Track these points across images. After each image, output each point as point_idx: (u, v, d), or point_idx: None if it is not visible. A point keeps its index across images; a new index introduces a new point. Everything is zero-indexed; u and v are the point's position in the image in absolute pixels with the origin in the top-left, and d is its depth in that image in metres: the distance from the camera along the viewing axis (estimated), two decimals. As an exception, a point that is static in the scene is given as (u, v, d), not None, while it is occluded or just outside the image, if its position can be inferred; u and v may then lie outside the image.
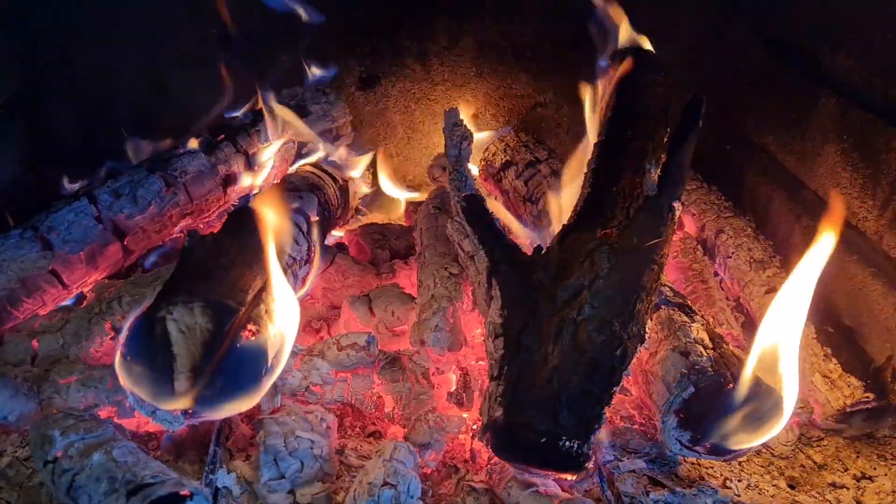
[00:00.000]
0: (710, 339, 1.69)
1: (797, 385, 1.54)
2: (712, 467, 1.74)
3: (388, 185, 2.73)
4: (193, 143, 2.19)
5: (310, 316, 2.06)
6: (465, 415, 1.75)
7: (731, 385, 1.55)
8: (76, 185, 2.18)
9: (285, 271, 1.64)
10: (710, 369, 1.58)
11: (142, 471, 1.38)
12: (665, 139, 1.83)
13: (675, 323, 1.72)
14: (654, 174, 1.67)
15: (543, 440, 1.41)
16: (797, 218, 2.26)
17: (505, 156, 2.55)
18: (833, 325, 2.03)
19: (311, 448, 1.54)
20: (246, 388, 1.45)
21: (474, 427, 1.73)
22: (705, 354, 1.62)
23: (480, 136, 2.58)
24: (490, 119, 2.78)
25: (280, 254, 1.62)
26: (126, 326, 1.43)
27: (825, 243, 1.55)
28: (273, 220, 1.65)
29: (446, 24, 2.62)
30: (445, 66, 2.69)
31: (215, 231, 1.70)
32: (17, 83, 2.45)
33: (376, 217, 2.73)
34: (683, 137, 1.70)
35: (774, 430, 1.54)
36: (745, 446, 1.58)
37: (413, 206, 2.47)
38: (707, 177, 2.57)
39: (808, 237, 1.59)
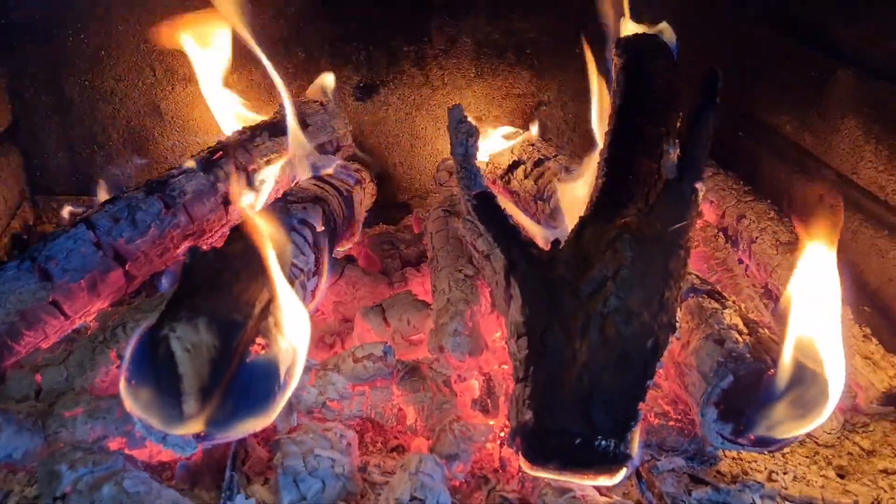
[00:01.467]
0: (745, 324, 1.60)
1: (843, 366, 1.46)
2: (755, 461, 1.66)
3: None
4: (190, 163, 2.11)
5: (322, 331, 1.98)
6: (491, 422, 1.66)
7: (771, 371, 1.47)
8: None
9: (292, 282, 1.57)
10: (748, 356, 1.50)
11: (155, 501, 1.32)
12: (678, 123, 1.77)
13: (706, 310, 1.64)
14: (673, 155, 1.59)
15: (577, 441, 1.33)
16: (819, 198, 2.19)
17: (512, 156, 2.49)
18: (869, 305, 1.94)
19: (333, 467, 1.46)
20: (259, 406, 1.36)
21: (502, 434, 1.64)
22: (741, 340, 1.53)
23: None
24: (493, 121, 2.71)
25: (284, 264, 1.54)
26: (128, 349, 1.35)
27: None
28: (274, 231, 1.57)
29: (442, 24, 2.55)
30: (444, 70, 2.63)
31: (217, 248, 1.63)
32: (7, 114, 2.41)
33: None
34: (701, 114, 1.62)
35: (822, 416, 1.45)
36: (792, 435, 1.49)
37: (422, 213, 2.40)
38: (721, 163, 2.49)
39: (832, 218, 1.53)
